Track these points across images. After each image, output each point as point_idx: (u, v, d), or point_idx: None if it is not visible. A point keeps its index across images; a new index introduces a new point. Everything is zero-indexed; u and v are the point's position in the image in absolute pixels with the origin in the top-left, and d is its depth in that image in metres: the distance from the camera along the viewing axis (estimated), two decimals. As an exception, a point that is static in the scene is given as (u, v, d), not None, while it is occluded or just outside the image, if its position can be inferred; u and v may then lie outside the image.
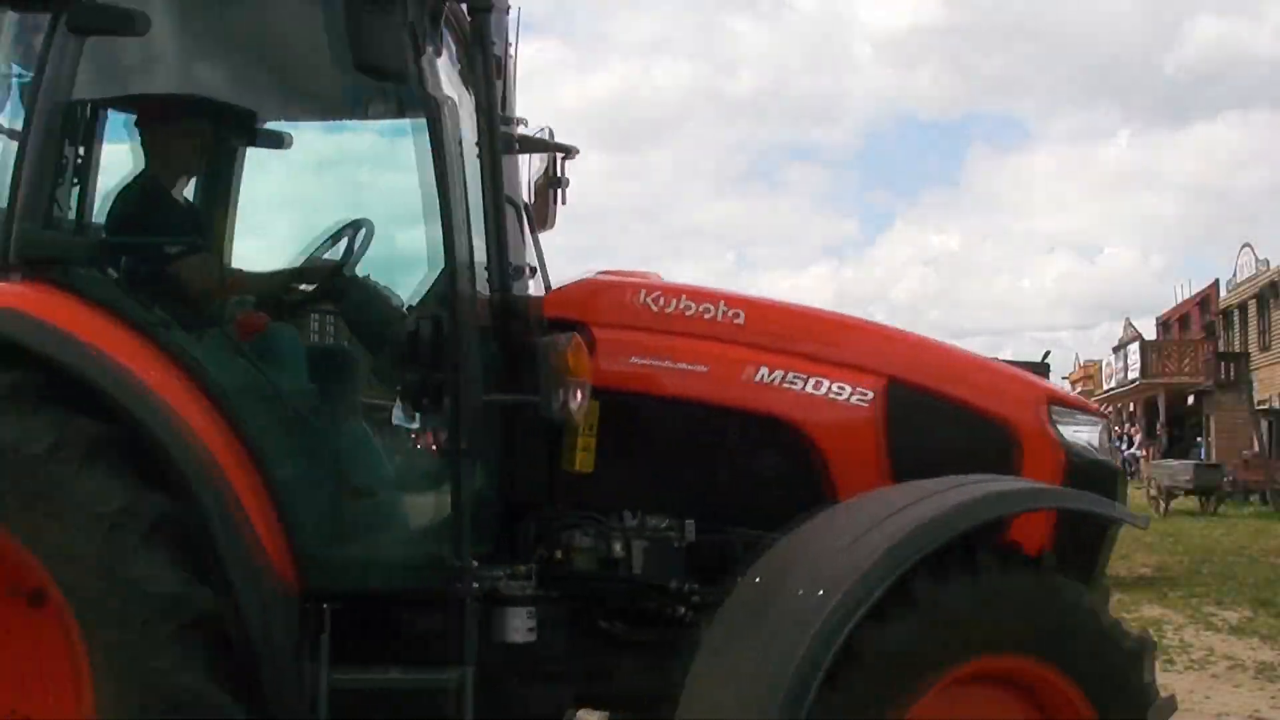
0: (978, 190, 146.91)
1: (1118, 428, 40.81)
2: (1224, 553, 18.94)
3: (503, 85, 4.50)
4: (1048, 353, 31.51)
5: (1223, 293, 49.83)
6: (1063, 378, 57.70)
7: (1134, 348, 49.45)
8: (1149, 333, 54.21)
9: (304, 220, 4.72)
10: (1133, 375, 47.99)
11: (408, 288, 4.43)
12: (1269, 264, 44.83)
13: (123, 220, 4.37)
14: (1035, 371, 8.74)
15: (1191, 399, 46.96)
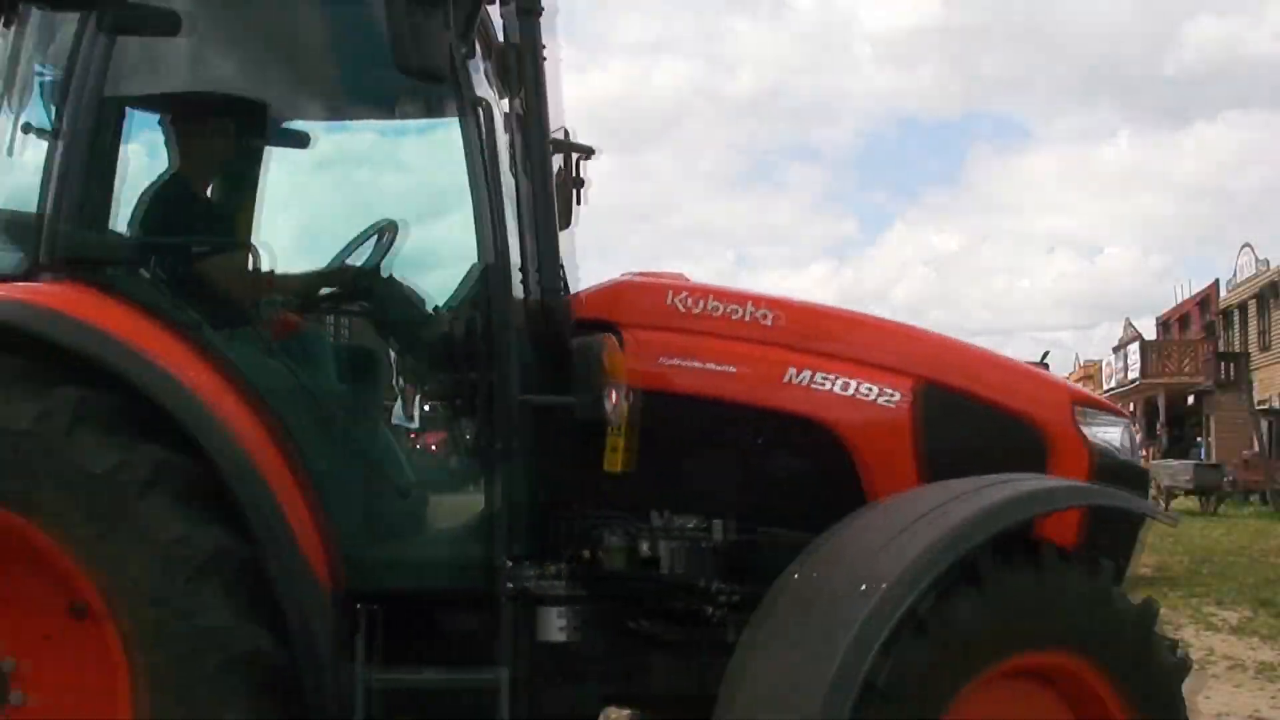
0: (978, 190, 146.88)
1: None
2: (1224, 553, 18.97)
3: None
4: (1046, 353, 31.46)
5: (1223, 293, 49.89)
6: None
7: (1134, 348, 49.48)
8: (1149, 333, 54.27)
9: (339, 221, 4.71)
10: (1133, 375, 47.98)
11: (446, 289, 4.43)
12: (1269, 264, 44.91)
13: (159, 220, 4.36)
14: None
15: (1191, 399, 47.05)
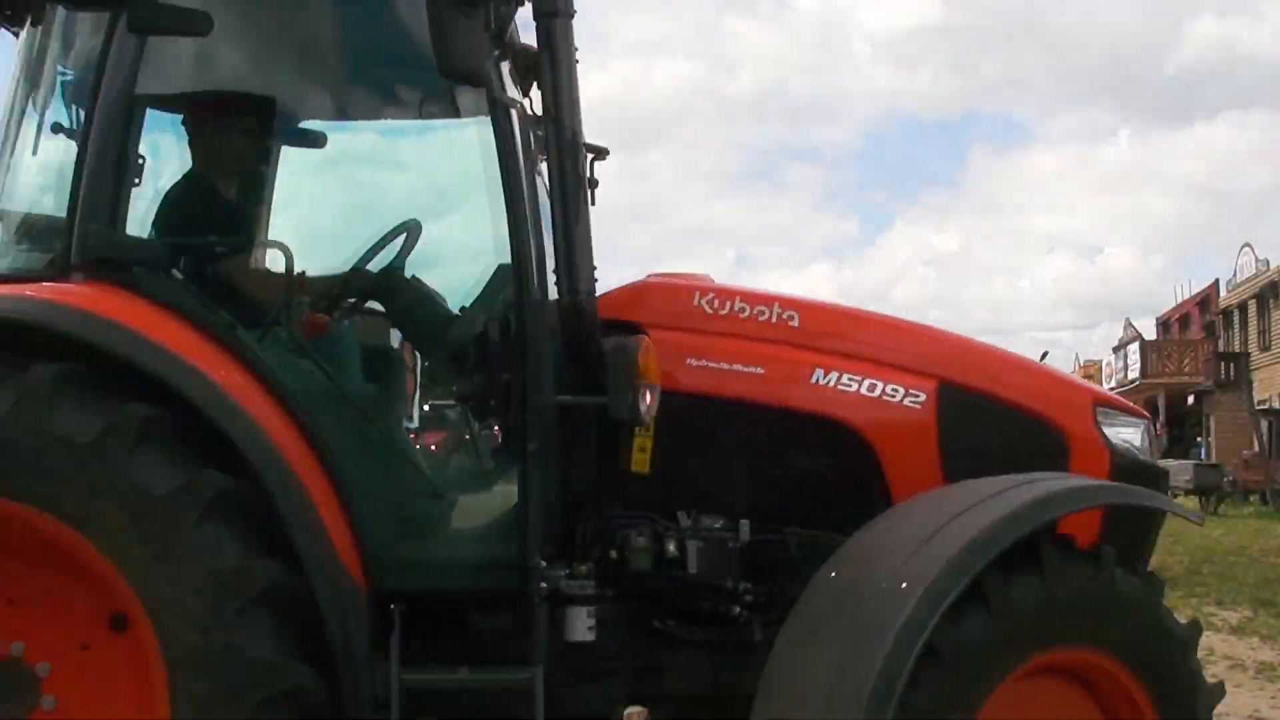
0: (978, 190, 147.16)
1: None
2: (1224, 553, 18.90)
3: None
4: (1045, 353, 31.32)
5: (1223, 293, 49.90)
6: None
7: (1134, 348, 49.52)
8: (1149, 333, 54.32)
9: (366, 221, 4.72)
10: (1133, 375, 48.01)
11: (474, 290, 4.43)
12: (1269, 264, 44.91)
13: (185, 221, 4.36)
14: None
15: (1191, 399, 47.04)
